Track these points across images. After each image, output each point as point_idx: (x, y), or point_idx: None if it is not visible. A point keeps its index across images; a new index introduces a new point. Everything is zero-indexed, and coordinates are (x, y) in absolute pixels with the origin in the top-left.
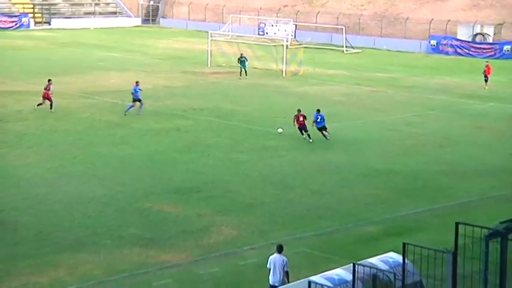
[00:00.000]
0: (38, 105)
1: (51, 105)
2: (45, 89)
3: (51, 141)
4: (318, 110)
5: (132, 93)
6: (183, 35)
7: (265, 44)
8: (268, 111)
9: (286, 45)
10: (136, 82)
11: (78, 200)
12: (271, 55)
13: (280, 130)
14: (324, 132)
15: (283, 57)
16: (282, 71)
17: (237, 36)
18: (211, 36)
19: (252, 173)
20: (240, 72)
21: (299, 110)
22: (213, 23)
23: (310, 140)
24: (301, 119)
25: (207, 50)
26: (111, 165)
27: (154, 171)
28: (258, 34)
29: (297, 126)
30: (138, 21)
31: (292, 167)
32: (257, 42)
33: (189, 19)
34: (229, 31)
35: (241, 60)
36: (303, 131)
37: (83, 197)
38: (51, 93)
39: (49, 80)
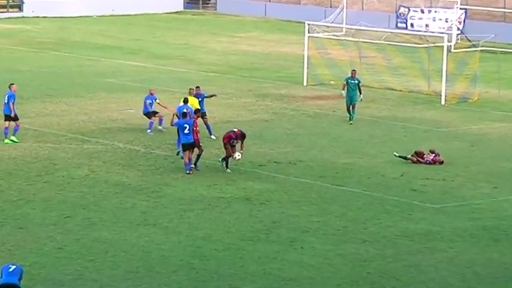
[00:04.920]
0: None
1: None
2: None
3: (19, 220)
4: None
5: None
6: (258, 28)
7: (409, 45)
8: (413, 167)
9: (449, 48)
10: (10, 85)
11: None
12: (420, 65)
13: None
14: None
15: (442, 70)
16: (441, 95)
17: (357, 30)
18: (309, 31)
19: (383, 280)
20: (348, 110)
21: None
22: (314, 8)
23: None
24: None
25: (303, 56)
26: (125, 262)
27: (205, 275)
28: (396, 27)
29: None
30: (178, 3)
31: (457, 271)
32: (394, 42)
33: (269, 0)
34: (342, 22)
35: (349, 84)
36: None
37: None
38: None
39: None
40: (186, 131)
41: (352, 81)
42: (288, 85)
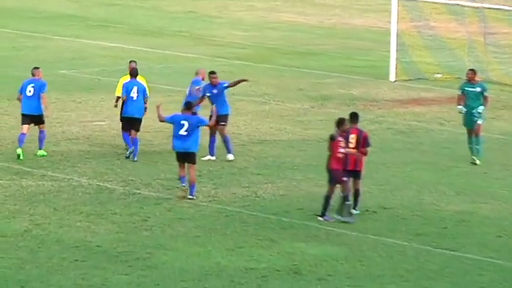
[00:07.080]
0: None
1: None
2: None
3: None
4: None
5: None
6: None
7: None
8: None
9: None
10: (34, 70)
11: None
12: None
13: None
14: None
15: None
16: None
17: None
18: None
19: None
20: (470, 139)
21: None
22: None
23: None
24: None
25: (389, 32)
26: None
27: None
28: None
29: None
30: None
31: None
32: None
33: None
34: None
35: (468, 94)
36: None
37: None
38: None
39: None
40: (182, 132)
41: (472, 89)
42: (364, 81)
